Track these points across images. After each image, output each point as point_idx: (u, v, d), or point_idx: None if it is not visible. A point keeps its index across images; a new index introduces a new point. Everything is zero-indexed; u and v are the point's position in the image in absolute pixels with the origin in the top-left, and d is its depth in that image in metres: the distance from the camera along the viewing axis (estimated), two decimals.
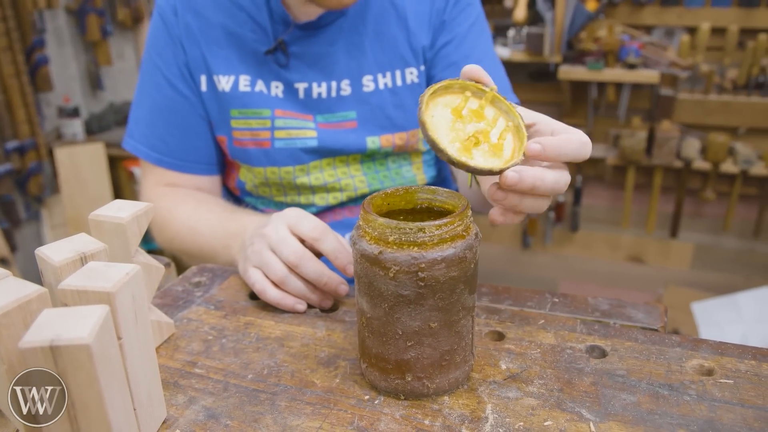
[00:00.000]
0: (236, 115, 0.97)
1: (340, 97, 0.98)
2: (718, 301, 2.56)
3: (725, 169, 2.46)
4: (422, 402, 0.55)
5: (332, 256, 0.72)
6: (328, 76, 0.97)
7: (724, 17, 2.41)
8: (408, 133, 1.00)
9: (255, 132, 0.97)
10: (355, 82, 0.98)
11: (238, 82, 0.97)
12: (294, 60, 0.96)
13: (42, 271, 0.52)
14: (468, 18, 1.01)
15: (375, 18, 0.97)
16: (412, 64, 0.99)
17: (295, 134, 0.97)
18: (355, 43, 0.97)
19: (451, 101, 0.56)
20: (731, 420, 0.51)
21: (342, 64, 0.97)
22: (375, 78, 0.98)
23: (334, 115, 0.98)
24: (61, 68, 2.68)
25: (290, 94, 0.97)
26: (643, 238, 2.80)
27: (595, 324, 0.67)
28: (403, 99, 0.99)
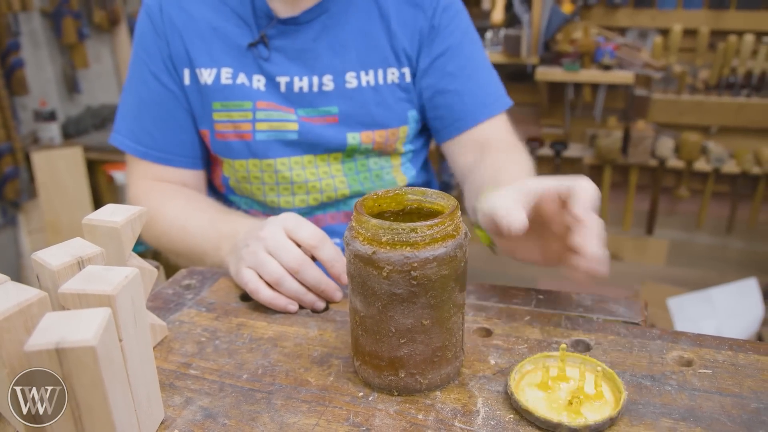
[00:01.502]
0: (218, 108, 0.99)
1: (322, 92, 0.99)
2: (693, 297, 2.62)
3: (698, 168, 2.52)
4: (415, 397, 0.57)
5: (329, 264, 0.73)
6: (309, 71, 0.99)
7: (696, 19, 2.47)
8: (388, 131, 1.01)
9: (237, 124, 0.98)
10: (337, 78, 0.99)
11: (220, 74, 0.98)
12: (276, 54, 0.98)
13: (38, 276, 0.52)
14: (459, 26, 1.03)
15: (358, 16, 0.99)
16: (393, 64, 1.00)
17: (276, 126, 0.98)
18: (338, 39, 0.98)
19: (533, 379, 0.57)
20: (710, 408, 0.54)
21: (324, 60, 0.99)
22: (358, 75, 1.00)
23: (316, 110, 0.99)
24: (37, 71, 2.65)
25: (272, 88, 0.99)
26: (620, 236, 2.85)
27: (579, 319, 0.69)
28: (384, 97, 1.01)
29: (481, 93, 1.03)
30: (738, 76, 2.42)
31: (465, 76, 1.02)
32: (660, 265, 2.84)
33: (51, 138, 2.57)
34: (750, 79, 2.43)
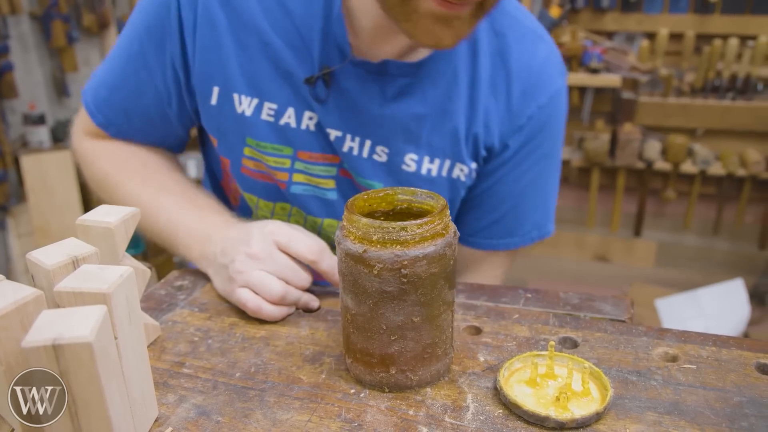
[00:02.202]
0: (252, 145, 0.84)
1: (371, 160, 0.83)
2: (681, 298, 2.66)
3: (685, 170, 2.55)
4: (406, 394, 0.58)
5: (330, 274, 0.71)
6: (365, 133, 0.82)
7: (681, 23, 2.50)
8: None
9: (271, 170, 0.85)
10: (394, 155, 0.82)
11: (261, 108, 0.82)
12: (334, 99, 0.80)
13: (33, 275, 0.53)
14: (544, 143, 0.87)
15: (444, 91, 0.81)
16: (466, 159, 0.84)
17: (315, 182, 0.85)
18: (413, 110, 0.80)
19: (522, 376, 0.58)
20: (695, 401, 0.55)
21: (388, 128, 0.81)
22: (420, 159, 0.83)
23: (359, 178, 0.84)
24: (26, 75, 2.64)
25: (321, 132, 0.83)
26: (608, 237, 2.88)
27: (566, 317, 0.70)
28: (440, 191, 0.84)
29: (518, 224, 0.91)
30: (723, 79, 2.46)
31: (515, 203, 0.89)
32: (648, 267, 2.87)
33: (40, 141, 2.56)
34: (735, 83, 2.46)
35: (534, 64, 0.83)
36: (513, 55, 0.82)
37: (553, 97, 0.85)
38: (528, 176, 0.88)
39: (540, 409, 0.52)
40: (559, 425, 0.51)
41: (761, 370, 0.60)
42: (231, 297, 0.72)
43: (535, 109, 0.84)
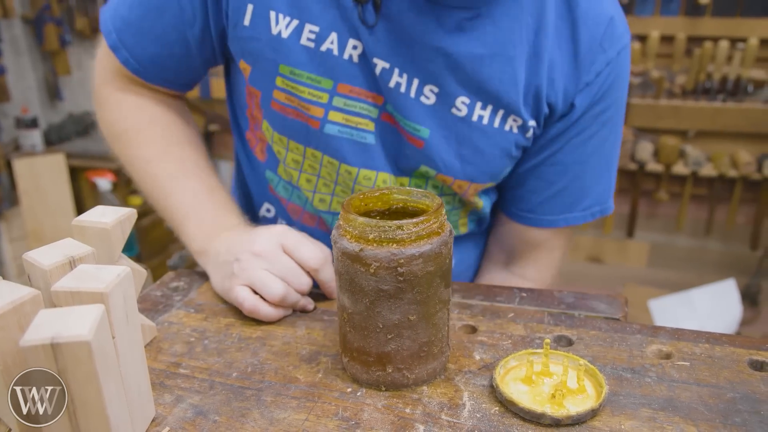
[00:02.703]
0: (286, 74, 0.75)
1: (418, 101, 0.76)
2: (673, 298, 2.67)
3: (677, 171, 2.57)
4: (402, 392, 0.58)
5: (327, 286, 0.73)
6: (415, 70, 0.74)
7: (672, 26, 2.52)
8: (472, 186, 0.81)
9: (304, 105, 0.76)
10: (445, 96, 0.75)
11: (302, 31, 0.73)
12: (384, 26, 0.72)
13: (30, 276, 0.53)
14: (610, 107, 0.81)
15: (508, 35, 0.74)
16: (521, 111, 0.77)
17: (353, 121, 0.77)
18: (471, 51, 0.73)
19: (517, 374, 0.58)
20: (688, 398, 0.55)
21: (440, 66, 0.74)
22: (472, 104, 0.76)
23: (403, 121, 0.77)
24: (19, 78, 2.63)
25: (365, 65, 0.75)
26: (602, 239, 2.89)
27: (561, 315, 0.71)
28: (492, 144, 0.78)
29: (581, 196, 0.85)
30: (714, 81, 2.48)
31: (578, 172, 0.83)
32: (641, 267, 2.89)
33: (33, 145, 2.55)
34: (725, 84, 2.48)
35: (602, 15, 0.77)
36: (581, 4, 0.76)
37: (621, 53, 0.79)
38: (593, 142, 0.82)
39: (536, 407, 0.53)
40: (555, 422, 0.52)
41: (754, 366, 0.60)
42: (229, 294, 0.72)
43: (603, 64, 0.77)
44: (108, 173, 2.46)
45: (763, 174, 2.46)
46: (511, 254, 0.93)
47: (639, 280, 2.85)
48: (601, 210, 0.87)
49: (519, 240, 0.91)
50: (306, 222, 0.89)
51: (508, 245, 0.93)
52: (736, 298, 2.58)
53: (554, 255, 0.92)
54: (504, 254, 0.95)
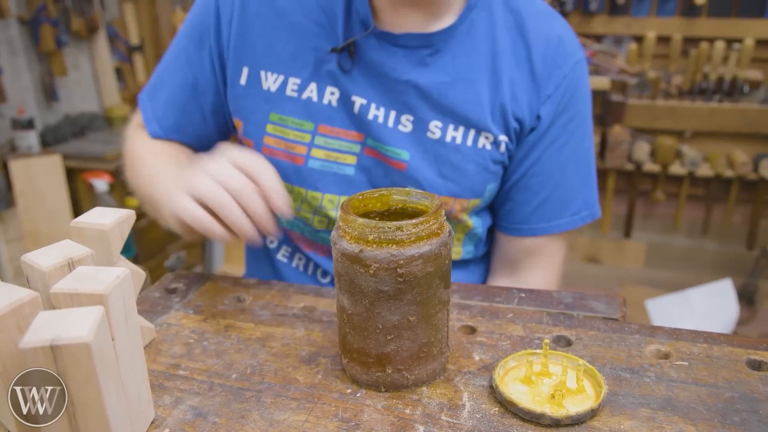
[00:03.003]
0: (275, 120, 0.87)
1: (396, 130, 0.85)
2: (671, 298, 2.67)
3: (673, 171, 2.57)
4: (402, 393, 0.58)
5: (270, 192, 0.68)
6: (390, 103, 0.84)
7: (669, 26, 2.53)
8: (456, 201, 0.87)
9: (290, 144, 0.87)
10: (419, 122, 0.84)
11: (287, 84, 0.86)
12: (359, 69, 0.84)
13: (28, 278, 0.53)
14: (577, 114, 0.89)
15: (466, 62, 0.84)
16: (491, 128, 0.85)
17: (334, 157, 0.86)
18: (436, 80, 0.83)
19: (517, 374, 0.58)
20: (687, 397, 0.56)
21: (411, 97, 0.84)
22: (445, 126, 0.85)
23: (384, 147, 0.85)
24: (15, 79, 2.62)
25: (343, 106, 0.85)
26: (599, 239, 2.89)
27: (560, 316, 0.71)
28: (467, 161, 0.85)
29: (566, 201, 0.91)
30: (710, 81, 2.48)
31: (558, 179, 0.90)
32: (638, 268, 2.89)
33: (29, 146, 2.54)
34: (721, 85, 2.49)
35: (551, 36, 0.86)
36: (530, 29, 0.85)
37: (576, 67, 0.87)
38: (566, 151, 0.89)
39: (535, 407, 0.53)
40: (554, 422, 0.52)
41: (752, 366, 0.60)
42: (171, 207, 0.70)
43: (560, 78, 0.86)
44: (105, 174, 2.46)
45: (760, 174, 2.46)
46: (515, 266, 0.97)
47: (636, 280, 2.85)
48: (589, 214, 0.93)
49: (519, 251, 0.95)
50: (306, 248, 0.95)
51: (510, 259, 0.97)
52: (733, 298, 2.59)
53: (555, 260, 0.96)
54: (507, 269, 0.98)
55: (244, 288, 0.80)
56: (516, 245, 0.95)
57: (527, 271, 0.95)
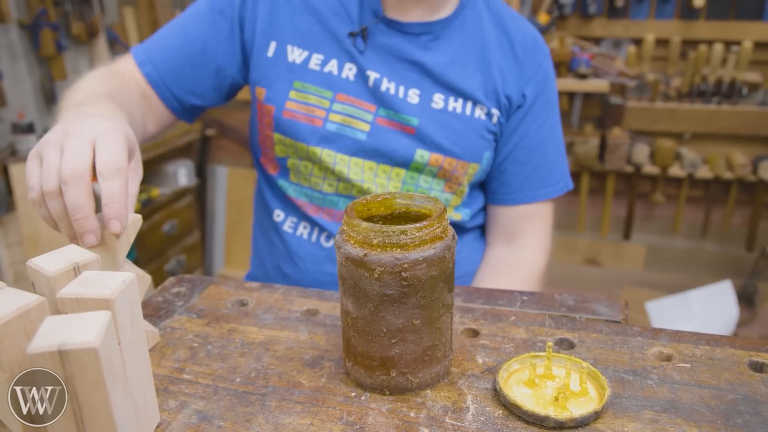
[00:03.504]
0: (298, 88, 0.99)
1: (405, 101, 0.99)
2: (671, 300, 2.68)
3: (673, 173, 2.58)
4: (406, 396, 0.58)
5: (104, 201, 0.61)
6: (399, 79, 0.99)
7: (667, 29, 2.53)
8: (459, 162, 1.01)
9: (310, 108, 0.99)
10: (424, 95, 0.99)
11: (310, 58, 0.99)
12: (371, 50, 0.99)
13: (34, 282, 0.53)
14: (551, 97, 1.06)
15: (461, 48, 1.00)
16: (484, 102, 1.01)
17: (348, 122, 0.99)
18: (436, 63, 0.99)
19: (520, 377, 0.59)
20: (690, 399, 0.56)
21: (415, 75, 0.99)
22: (446, 98, 1.00)
23: (396, 114, 0.99)
24: (15, 83, 2.62)
25: (360, 80, 0.99)
26: (598, 241, 2.90)
27: (562, 318, 0.71)
28: (467, 127, 1.00)
29: (549, 172, 1.07)
30: (709, 84, 2.49)
31: (542, 152, 1.06)
32: (638, 270, 2.89)
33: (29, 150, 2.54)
34: (720, 87, 2.50)
35: (527, 33, 1.05)
36: (510, 27, 1.04)
37: (547, 59, 1.06)
38: (546, 126, 1.06)
39: (539, 409, 0.53)
40: (558, 425, 0.52)
41: (754, 368, 0.61)
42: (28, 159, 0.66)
43: (537, 64, 1.04)
44: None
45: (759, 176, 2.47)
46: (511, 233, 1.10)
47: (636, 282, 2.86)
48: (565, 185, 1.10)
49: (514, 218, 1.10)
50: (313, 213, 1.04)
51: (506, 227, 1.11)
52: (733, 300, 2.59)
53: (546, 225, 1.11)
54: (503, 237, 1.11)
55: (247, 291, 0.80)
56: (511, 213, 1.09)
57: (523, 235, 1.09)
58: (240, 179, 3.18)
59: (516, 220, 1.09)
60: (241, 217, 3.20)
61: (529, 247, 1.09)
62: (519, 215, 1.09)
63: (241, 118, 3.10)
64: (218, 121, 3.12)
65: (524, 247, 1.09)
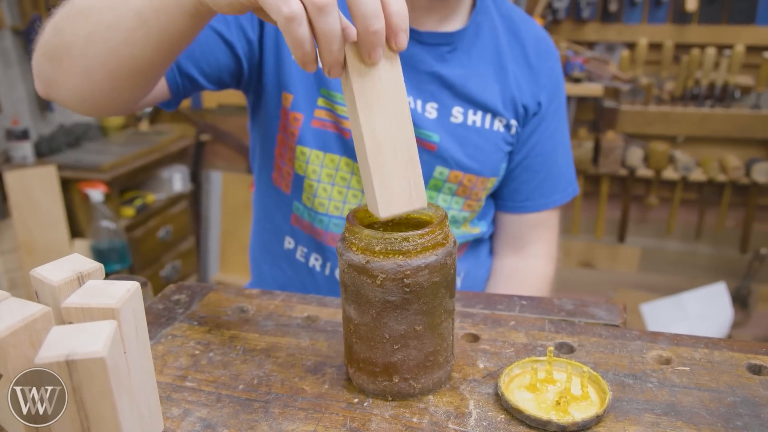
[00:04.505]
0: (324, 95, 0.94)
1: (424, 116, 0.95)
2: (665, 302, 2.69)
3: (666, 176, 2.60)
4: (409, 402, 0.58)
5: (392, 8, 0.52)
6: (416, 92, 0.95)
7: (660, 33, 2.55)
8: (478, 178, 0.98)
9: (339, 119, 0.94)
10: (443, 109, 0.96)
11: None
12: None
13: (38, 292, 0.53)
14: (561, 105, 1.05)
15: (478, 57, 0.97)
16: (503, 113, 0.98)
17: None
18: (453, 74, 0.95)
19: (522, 382, 0.59)
20: (690, 402, 0.56)
21: (434, 88, 0.95)
22: (465, 111, 0.97)
23: (418, 131, 0.94)
24: (9, 90, 2.62)
25: None
26: (593, 244, 2.91)
27: (561, 323, 0.72)
28: (486, 142, 0.98)
29: (558, 180, 1.06)
30: (701, 87, 2.51)
31: (553, 159, 1.05)
32: (632, 272, 2.91)
33: (24, 157, 2.53)
34: (713, 91, 2.52)
35: (539, 36, 1.03)
36: (521, 31, 1.01)
37: (557, 62, 1.05)
38: (557, 134, 1.05)
39: (542, 414, 0.54)
40: (561, 429, 0.53)
41: (752, 370, 0.61)
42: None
43: (549, 69, 1.02)
44: (100, 184, 2.45)
45: (752, 178, 2.49)
46: (519, 241, 1.10)
47: (631, 285, 2.87)
48: (573, 190, 1.09)
49: (524, 227, 1.08)
50: (329, 243, 0.99)
51: (515, 235, 1.09)
52: (727, 301, 2.61)
53: (553, 232, 1.11)
54: (512, 246, 1.10)
55: (247, 298, 0.80)
56: (521, 221, 1.08)
57: (532, 243, 1.08)
58: (235, 184, 3.18)
59: (525, 229, 1.08)
60: (236, 223, 3.20)
61: (537, 257, 1.08)
62: (528, 223, 1.08)
63: (235, 123, 3.10)
64: (213, 127, 3.12)
65: (533, 257, 1.08)
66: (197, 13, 0.64)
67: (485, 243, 1.11)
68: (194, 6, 0.62)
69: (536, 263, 1.08)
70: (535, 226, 1.08)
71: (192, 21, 0.65)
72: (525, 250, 1.09)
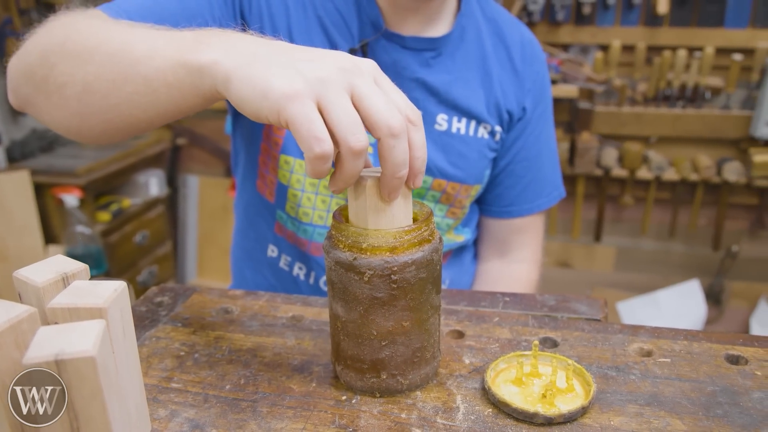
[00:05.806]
0: None
1: None
2: (641, 300, 2.74)
3: (641, 176, 2.64)
4: (397, 398, 0.59)
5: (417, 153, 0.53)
6: None
7: (633, 36, 2.60)
8: (462, 186, 0.97)
9: None
10: (427, 116, 0.94)
11: None
12: None
13: (21, 294, 0.52)
14: (547, 108, 1.04)
15: (462, 62, 0.95)
16: (487, 119, 0.97)
17: None
18: (438, 80, 0.93)
19: (508, 376, 0.60)
20: (672, 392, 0.58)
21: (418, 95, 0.93)
22: (450, 119, 0.95)
23: None
24: None
25: None
26: (570, 244, 2.95)
27: (545, 318, 0.73)
28: (470, 149, 0.96)
29: (543, 184, 1.06)
30: (673, 88, 2.56)
31: (538, 164, 1.04)
32: (608, 271, 2.95)
33: None
34: (684, 92, 2.57)
35: (524, 40, 1.01)
36: (506, 34, 1.00)
37: (543, 66, 1.03)
38: (542, 138, 1.04)
39: (528, 407, 0.54)
40: (547, 420, 0.53)
41: (730, 360, 0.63)
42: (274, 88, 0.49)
43: (534, 74, 1.01)
44: (75, 189, 2.41)
45: (723, 177, 2.54)
46: (504, 246, 1.09)
47: (607, 284, 2.91)
48: (558, 194, 1.09)
49: (508, 232, 1.08)
50: (313, 252, 0.98)
51: (500, 240, 1.09)
52: (701, 298, 2.66)
53: (539, 236, 1.11)
54: (497, 250, 1.10)
55: (231, 299, 0.80)
56: (505, 226, 1.08)
57: (517, 248, 1.08)
58: (211, 188, 3.15)
59: (510, 233, 1.08)
60: (214, 227, 3.17)
61: (523, 261, 1.08)
62: (513, 228, 1.08)
63: (211, 127, 3.08)
64: (189, 130, 3.10)
65: (519, 261, 1.08)
66: (212, 97, 0.58)
67: (469, 249, 1.11)
68: (211, 93, 0.57)
69: (521, 268, 1.08)
70: (519, 230, 1.08)
71: (205, 102, 0.60)
72: (510, 254, 1.09)
